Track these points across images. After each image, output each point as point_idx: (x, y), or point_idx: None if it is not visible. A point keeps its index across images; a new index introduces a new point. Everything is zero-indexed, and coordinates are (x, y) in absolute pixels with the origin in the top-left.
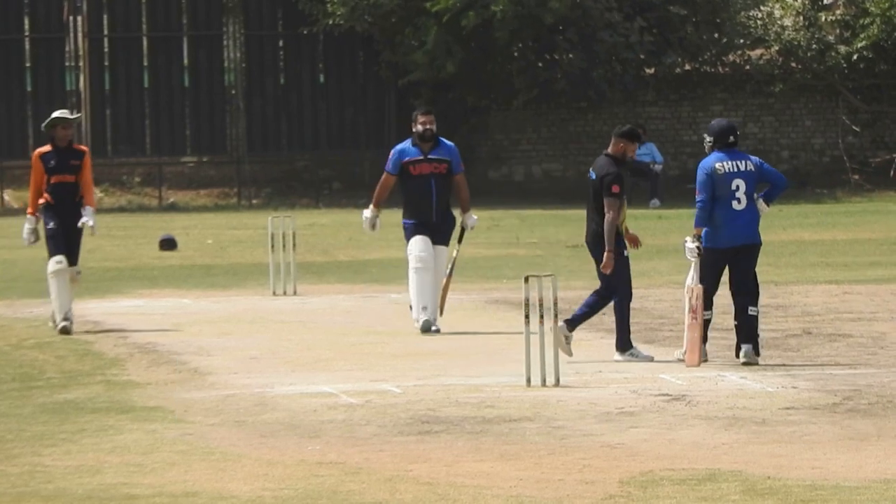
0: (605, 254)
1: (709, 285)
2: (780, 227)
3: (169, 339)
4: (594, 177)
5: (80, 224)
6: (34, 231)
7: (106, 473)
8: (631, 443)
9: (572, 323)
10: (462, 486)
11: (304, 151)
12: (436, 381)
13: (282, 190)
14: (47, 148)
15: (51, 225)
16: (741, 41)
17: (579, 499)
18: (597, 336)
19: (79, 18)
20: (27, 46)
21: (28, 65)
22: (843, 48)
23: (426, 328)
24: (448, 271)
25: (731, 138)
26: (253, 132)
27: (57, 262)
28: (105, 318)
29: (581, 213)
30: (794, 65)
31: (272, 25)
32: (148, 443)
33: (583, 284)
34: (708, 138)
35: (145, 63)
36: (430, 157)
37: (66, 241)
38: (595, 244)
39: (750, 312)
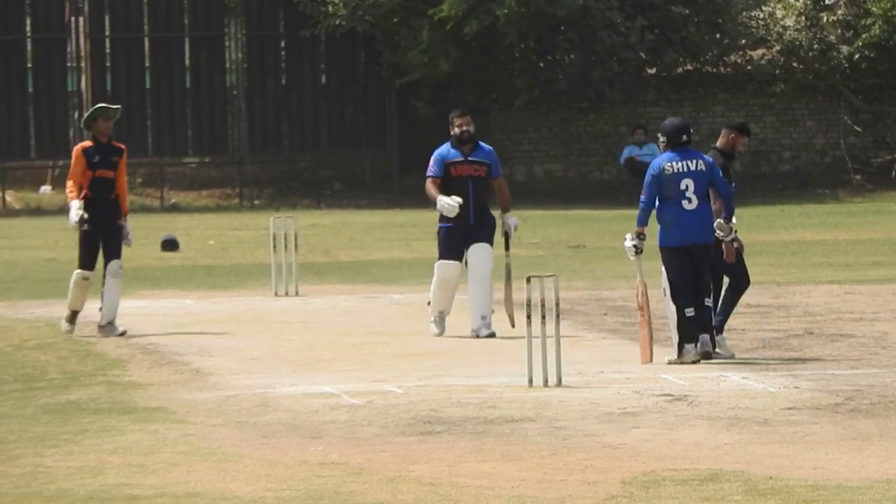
0: (724, 245)
1: (677, 282)
2: (782, 227)
3: (171, 339)
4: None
5: (123, 237)
6: (82, 217)
7: (108, 474)
8: (633, 443)
9: (720, 329)
10: (464, 486)
11: (306, 152)
12: (437, 382)
13: (283, 190)
14: (89, 143)
15: (86, 227)
16: (743, 41)
17: (581, 499)
18: (598, 336)
19: (80, 19)
20: (28, 47)
21: (29, 65)
22: (844, 48)
23: (439, 335)
24: (506, 279)
25: (684, 137)
26: (254, 133)
27: (83, 279)
28: None
29: (582, 213)
30: (795, 65)
31: (273, 26)
32: (150, 443)
33: (584, 285)
34: (661, 138)
35: (147, 64)
36: (470, 158)
37: (98, 245)
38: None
39: (706, 303)
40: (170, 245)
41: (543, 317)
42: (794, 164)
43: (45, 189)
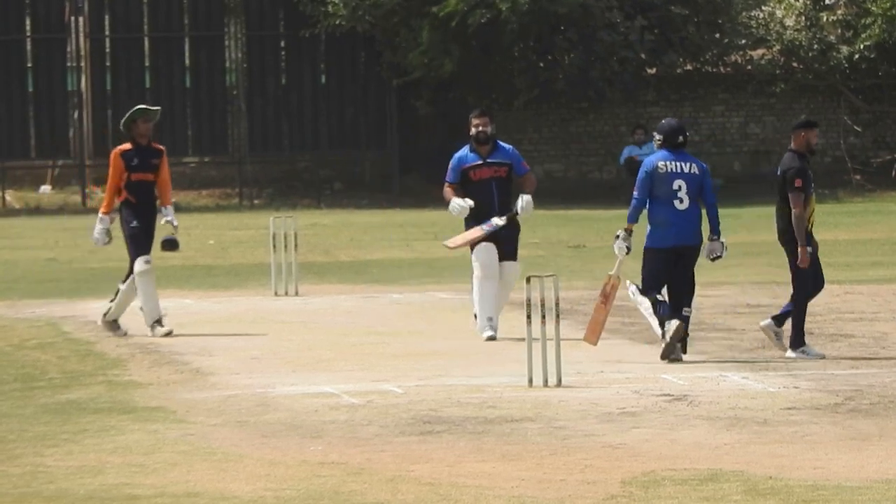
0: (799, 249)
1: (649, 284)
2: None
3: (170, 339)
4: (778, 173)
5: (163, 222)
6: (108, 232)
7: (108, 474)
8: (633, 443)
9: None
10: (464, 486)
11: (306, 152)
12: (437, 382)
13: (283, 190)
14: (127, 146)
15: (133, 223)
16: (742, 41)
17: (581, 499)
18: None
19: (80, 19)
20: (28, 47)
21: (29, 65)
22: (845, 48)
23: (491, 340)
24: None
25: (681, 139)
26: (254, 132)
27: (145, 262)
28: None
29: (582, 213)
30: (795, 65)
31: (273, 26)
32: (150, 443)
33: (584, 285)
34: (657, 136)
35: (147, 63)
36: (489, 160)
37: (147, 240)
38: (786, 240)
39: (684, 313)
40: (169, 245)
41: (543, 317)
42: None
43: (45, 189)
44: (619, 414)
